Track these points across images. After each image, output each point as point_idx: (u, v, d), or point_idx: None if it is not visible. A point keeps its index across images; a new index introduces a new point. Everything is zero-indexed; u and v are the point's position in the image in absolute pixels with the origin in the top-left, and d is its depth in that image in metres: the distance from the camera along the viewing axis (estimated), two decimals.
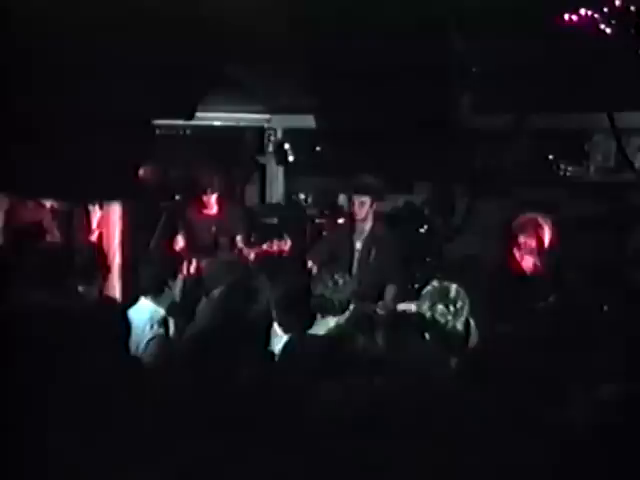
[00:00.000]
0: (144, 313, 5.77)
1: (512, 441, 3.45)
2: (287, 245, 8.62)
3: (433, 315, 4.84)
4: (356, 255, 8.00)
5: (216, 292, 5.86)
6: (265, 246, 8.63)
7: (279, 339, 5.36)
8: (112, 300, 6.57)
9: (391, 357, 4.39)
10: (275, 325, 5.42)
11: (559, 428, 3.55)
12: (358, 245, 8.03)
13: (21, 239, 7.26)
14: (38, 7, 6.44)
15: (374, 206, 7.97)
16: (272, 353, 5.13)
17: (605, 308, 6.26)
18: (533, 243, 7.12)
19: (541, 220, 7.22)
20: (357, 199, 7.90)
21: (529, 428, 3.53)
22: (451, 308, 4.82)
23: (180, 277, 5.99)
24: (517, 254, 7.15)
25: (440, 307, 4.83)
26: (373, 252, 7.94)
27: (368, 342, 4.57)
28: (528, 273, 7.10)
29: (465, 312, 4.85)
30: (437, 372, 4.48)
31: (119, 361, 4.34)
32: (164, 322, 5.78)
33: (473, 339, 4.88)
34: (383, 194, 8.36)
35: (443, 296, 4.85)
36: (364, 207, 7.88)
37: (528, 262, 7.12)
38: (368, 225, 7.97)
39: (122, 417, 3.77)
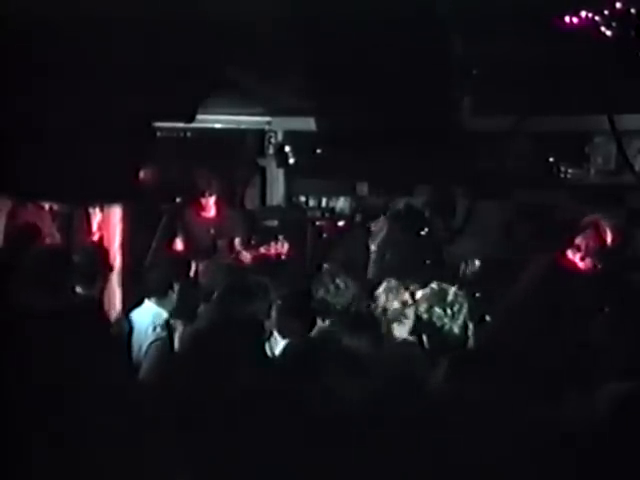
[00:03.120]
0: (147, 315, 5.78)
1: (509, 441, 3.45)
2: (284, 248, 8.62)
3: (430, 318, 4.84)
4: (371, 257, 8.24)
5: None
6: (263, 249, 8.63)
7: (278, 343, 5.35)
8: (112, 303, 6.59)
9: (386, 358, 4.40)
10: (275, 331, 5.40)
11: (557, 429, 3.55)
12: (373, 247, 8.27)
13: (21, 241, 7.25)
14: (39, 7, 6.44)
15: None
16: (270, 357, 5.12)
17: (606, 309, 6.26)
18: (593, 243, 7.01)
19: (602, 221, 7.09)
20: (373, 224, 8.28)
21: (528, 428, 3.53)
22: (448, 311, 4.81)
23: (186, 280, 6.00)
24: (574, 256, 7.04)
25: (437, 310, 4.83)
26: (388, 254, 8.14)
27: (361, 343, 4.58)
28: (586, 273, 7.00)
29: (462, 315, 4.85)
30: (433, 373, 4.47)
31: (121, 363, 4.34)
32: (167, 325, 5.77)
33: (471, 342, 4.88)
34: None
35: (440, 299, 4.85)
36: (379, 223, 8.24)
37: (587, 263, 7.01)
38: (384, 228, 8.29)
39: (122, 419, 3.77)
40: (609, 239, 7.06)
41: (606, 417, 3.57)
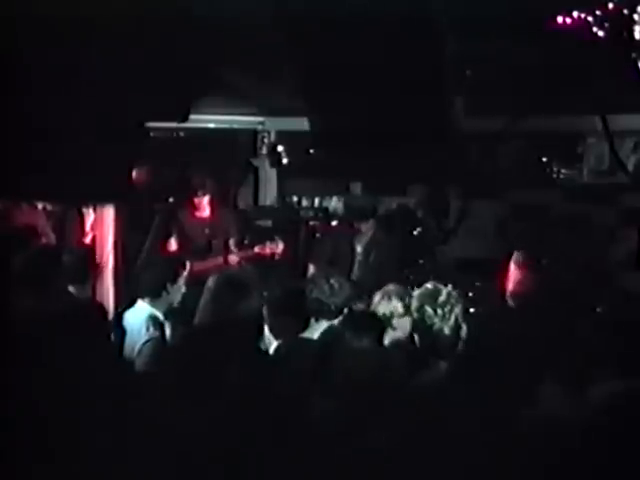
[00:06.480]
0: (140, 315, 5.77)
1: (503, 442, 3.46)
2: (279, 248, 8.63)
3: (422, 317, 4.86)
4: (357, 257, 8.26)
5: None
6: (257, 249, 8.63)
7: (270, 342, 5.36)
8: (105, 303, 6.57)
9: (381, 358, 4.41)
10: (266, 330, 5.41)
11: (552, 429, 3.56)
12: (359, 248, 8.28)
13: (15, 242, 7.25)
14: (34, 8, 6.43)
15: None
16: (264, 353, 5.13)
17: (598, 310, 6.29)
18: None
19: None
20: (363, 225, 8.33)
21: (521, 429, 3.55)
22: (439, 311, 4.83)
23: (180, 281, 5.99)
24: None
25: (428, 309, 4.85)
26: (373, 255, 8.16)
27: (359, 343, 4.58)
28: None
29: (454, 316, 4.86)
30: (426, 373, 4.49)
31: (113, 363, 4.34)
32: (160, 325, 5.77)
33: (464, 342, 4.89)
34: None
35: (432, 299, 4.87)
36: (366, 223, 8.25)
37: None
38: (370, 229, 8.29)
39: (115, 418, 3.77)
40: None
41: (599, 417, 3.59)
